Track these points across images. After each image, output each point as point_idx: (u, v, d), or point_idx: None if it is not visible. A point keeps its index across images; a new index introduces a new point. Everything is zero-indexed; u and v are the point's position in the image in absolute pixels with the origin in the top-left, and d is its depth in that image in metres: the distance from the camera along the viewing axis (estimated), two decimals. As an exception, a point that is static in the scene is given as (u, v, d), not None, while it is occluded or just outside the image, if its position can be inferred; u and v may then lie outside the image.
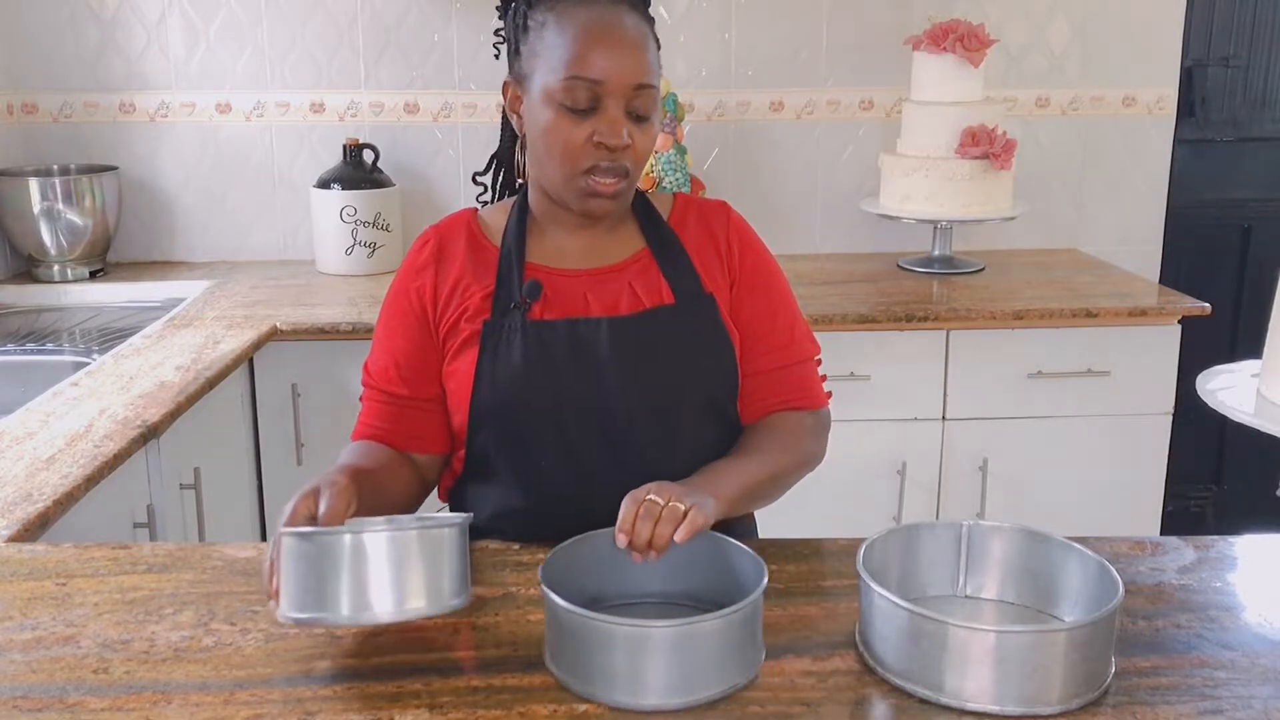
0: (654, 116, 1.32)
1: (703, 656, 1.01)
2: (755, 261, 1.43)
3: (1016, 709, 1.00)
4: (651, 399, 1.33)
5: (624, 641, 1.00)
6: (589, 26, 1.27)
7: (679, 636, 1.00)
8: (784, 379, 1.41)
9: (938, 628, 1.00)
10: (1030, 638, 1.01)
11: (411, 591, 1.06)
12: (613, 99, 1.27)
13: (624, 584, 1.19)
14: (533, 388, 1.32)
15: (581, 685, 1.03)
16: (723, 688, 1.02)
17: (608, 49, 1.26)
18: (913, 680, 1.03)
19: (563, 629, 1.04)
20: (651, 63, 1.30)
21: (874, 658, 1.07)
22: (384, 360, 1.40)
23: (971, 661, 1.00)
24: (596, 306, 1.35)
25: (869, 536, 1.15)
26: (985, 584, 1.20)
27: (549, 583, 1.06)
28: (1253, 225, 3.43)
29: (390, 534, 1.05)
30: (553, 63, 1.28)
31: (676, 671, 1.00)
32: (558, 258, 1.39)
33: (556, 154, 1.30)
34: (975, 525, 1.19)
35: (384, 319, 1.42)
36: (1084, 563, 1.13)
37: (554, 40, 1.28)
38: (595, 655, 1.01)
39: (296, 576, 1.05)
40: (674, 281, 1.37)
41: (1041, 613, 1.16)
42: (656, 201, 1.45)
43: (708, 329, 1.37)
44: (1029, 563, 1.18)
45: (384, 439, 1.39)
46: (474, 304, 1.36)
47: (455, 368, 1.36)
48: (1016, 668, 0.99)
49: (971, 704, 1.00)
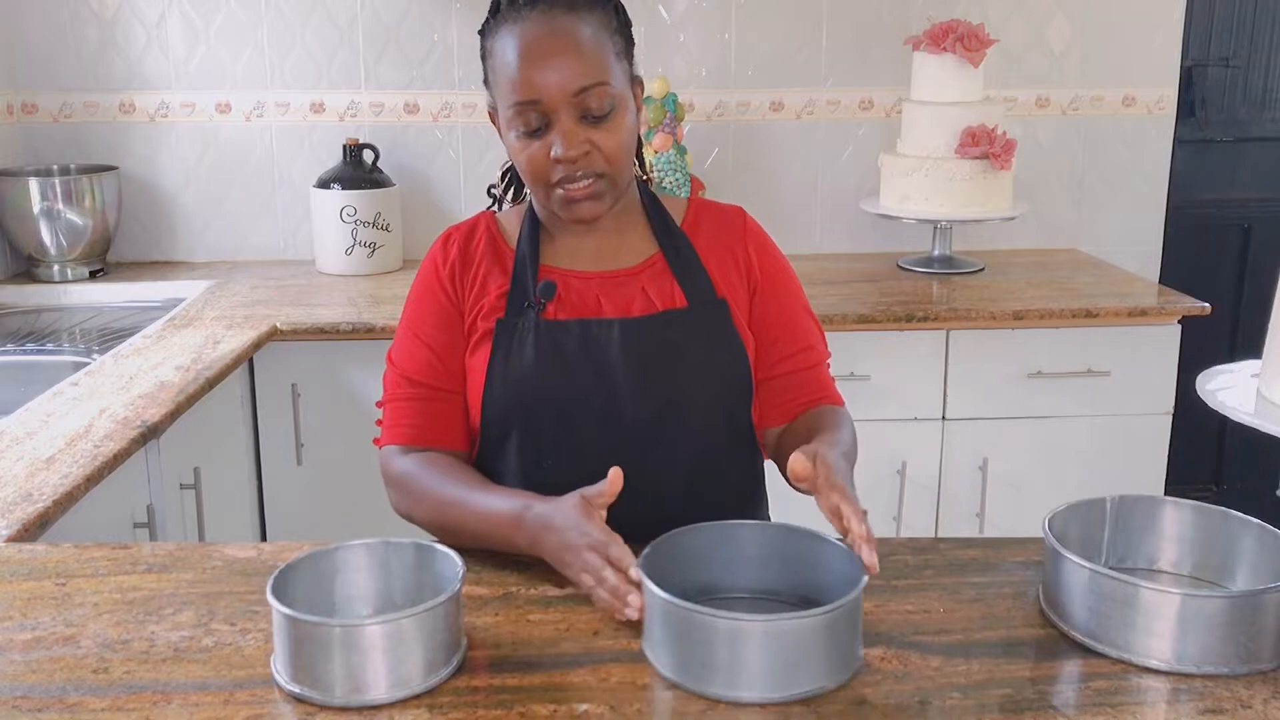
0: (616, 111, 1.29)
1: (804, 652, 1.01)
2: (774, 267, 1.44)
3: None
4: (661, 401, 1.33)
5: (724, 635, 1.01)
6: (520, 48, 1.26)
7: (779, 631, 1.01)
8: (808, 380, 1.43)
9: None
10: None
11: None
12: (560, 112, 1.26)
13: (718, 578, 1.20)
14: (544, 385, 1.33)
15: (680, 676, 1.04)
16: (818, 685, 1.03)
17: (540, 65, 1.25)
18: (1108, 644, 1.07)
19: (666, 621, 1.05)
20: (594, 61, 1.27)
21: (1070, 624, 1.11)
22: (418, 352, 1.38)
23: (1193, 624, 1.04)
24: (609, 308, 1.36)
25: (1051, 510, 1.17)
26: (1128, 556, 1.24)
27: (649, 574, 1.07)
28: (1253, 225, 3.43)
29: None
30: (502, 91, 1.29)
31: (777, 665, 1.00)
32: (571, 260, 1.40)
33: (528, 176, 1.32)
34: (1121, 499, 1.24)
35: (414, 311, 1.41)
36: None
37: (499, 68, 1.29)
38: (695, 647, 1.02)
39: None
40: (686, 286, 1.38)
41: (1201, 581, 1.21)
42: (671, 205, 1.45)
43: (719, 334, 1.37)
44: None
45: (416, 439, 1.37)
46: (490, 302, 1.37)
47: (470, 364, 1.37)
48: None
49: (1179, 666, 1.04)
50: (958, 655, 1.09)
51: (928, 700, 1.02)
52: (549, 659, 1.10)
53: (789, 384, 1.42)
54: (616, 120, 1.29)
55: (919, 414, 2.60)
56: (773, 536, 1.20)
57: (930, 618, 1.17)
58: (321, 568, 1.14)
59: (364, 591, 1.16)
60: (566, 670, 1.07)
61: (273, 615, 1.04)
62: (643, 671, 1.07)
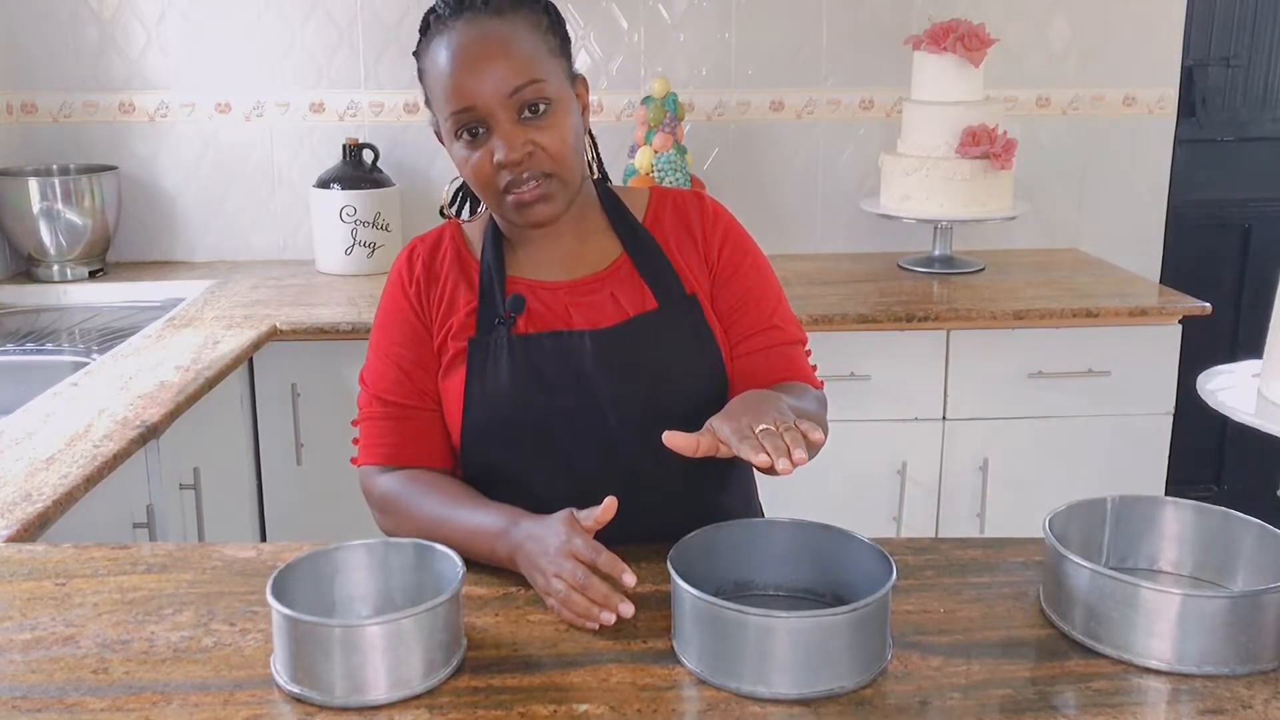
0: (555, 109, 1.27)
1: (832, 649, 1.02)
2: (734, 247, 1.40)
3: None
4: (641, 408, 1.31)
5: (754, 631, 1.01)
6: (451, 57, 1.26)
7: (809, 628, 1.01)
8: (775, 358, 1.38)
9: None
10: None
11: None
12: (497, 115, 1.25)
13: (747, 575, 1.20)
14: (523, 403, 1.32)
15: (710, 673, 1.04)
16: (849, 681, 1.03)
17: (471, 71, 1.25)
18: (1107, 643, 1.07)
19: (695, 617, 1.05)
20: (525, 60, 1.25)
21: (1069, 623, 1.11)
22: (388, 371, 1.37)
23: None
24: (579, 319, 1.35)
25: (1052, 510, 1.18)
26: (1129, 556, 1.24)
27: (678, 571, 1.07)
28: (1253, 225, 3.43)
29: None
30: (439, 103, 1.29)
31: (805, 663, 1.01)
32: (535, 270, 1.38)
33: (477, 185, 1.30)
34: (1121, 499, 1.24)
35: (381, 330, 1.40)
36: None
37: (433, 81, 1.28)
38: (724, 643, 1.02)
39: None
40: (655, 286, 1.36)
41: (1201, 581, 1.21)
42: (631, 199, 1.43)
43: (693, 332, 1.36)
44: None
45: (394, 459, 1.36)
46: (459, 320, 1.36)
47: (445, 386, 1.36)
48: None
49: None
50: (958, 655, 1.09)
51: (928, 700, 1.02)
52: (549, 659, 1.10)
53: (755, 363, 1.37)
54: (556, 117, 1.28)
55: (919, 414, 2.60)
56: (800, 534, 1.20)
57: (930, 618, 1.16)
58: (321, 568, 1.14)
59: (364, 591, 1.16)
60: (566, 670, 1.07)
61: (272, 615, 1.04)
62: (643, 671, 1.07)
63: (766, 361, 1.37)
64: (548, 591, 1.16)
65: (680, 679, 1.06)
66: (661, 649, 1.10)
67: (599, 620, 1.11)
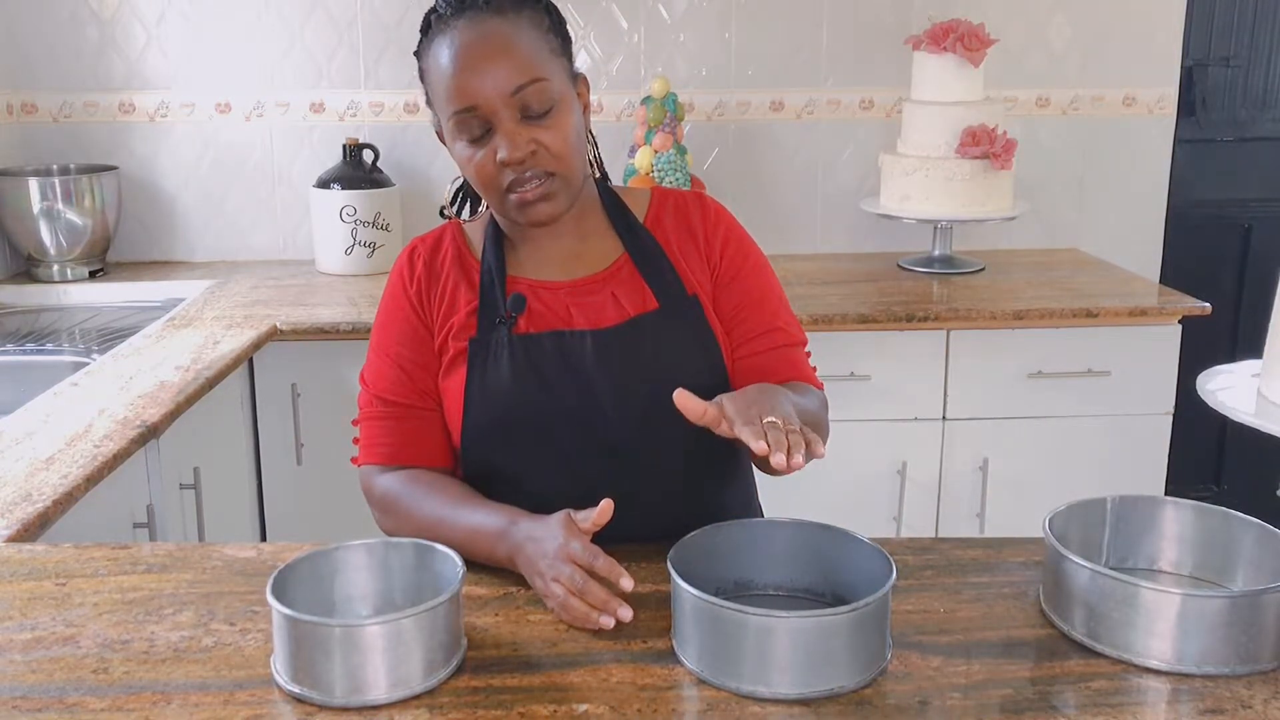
0: (557, 108, 1.27)
1: (832, 649, 1.02)
2: (736, 249, 1.41)
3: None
4: (643, 407, 1.31)
5: (754, 631, 1.01)
6: (452, 57, 1.25)
7: (809, 628, 1.01)
8: (778, 360, 1.38)
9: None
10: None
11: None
12: (500, 114, 1.25)
13: (747, 574, 1.20)
14: (524, 403, 1.31)
15: (710, 673, 1.04)
16: (849, 681, 1.03)
17: (474, 70, 1.24)
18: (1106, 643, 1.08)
19: (696, 617, 1.05)
20: (527, 60, 1.25)
21: (1069, 624, 1.11)
22: (388, 371, 1.37)
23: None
24: (580, 318, 1.35)
25: (1052, 510, 1.17)
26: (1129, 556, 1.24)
27: (678, 571, 1.07)
28: (1253, 225, 3.43)
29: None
30: (441, 103, 1.28)
31: (805, 663, 1.01)
32: (536, 269, 1.38)
33: (479, 185, 1.30)
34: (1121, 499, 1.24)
35: (382, 330, 1.40)
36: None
37: (435, 81, 1.28)
38: (724, 643, 1.03)
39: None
40: (656, 286, 1.36)
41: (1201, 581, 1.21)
42: (632, 199, 1.43)
43: (694, 332, 1.36)
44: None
45: (394, 459, 1.36)
46: (460, 320, 1.35)
47: (446, 386, 1.36)
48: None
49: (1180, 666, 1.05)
50: (958, 655, 1.09)
51: (928, 700, 1.02)
52: (549, 659, 1.10)
53: (755, 365, 1.37)
54: (559, 117, 1.28)
55: (919, 414, 2.60)
56: (800, 534, 1.20)
57: (930, 618, 1.16)
58: (321, 568, 1.14)
59: (364, 591, 1.16)
60: (566, 670, 1.07)
61: (272, 615, 1.04)
62: (643, 671, 1.07)
63: (769, 363, 1.38)
64: (547, 595, 1.16)
65: (680, 679, 1.06)
66: (661, 649, 1.10)
67: (598, 624, 1.12)
